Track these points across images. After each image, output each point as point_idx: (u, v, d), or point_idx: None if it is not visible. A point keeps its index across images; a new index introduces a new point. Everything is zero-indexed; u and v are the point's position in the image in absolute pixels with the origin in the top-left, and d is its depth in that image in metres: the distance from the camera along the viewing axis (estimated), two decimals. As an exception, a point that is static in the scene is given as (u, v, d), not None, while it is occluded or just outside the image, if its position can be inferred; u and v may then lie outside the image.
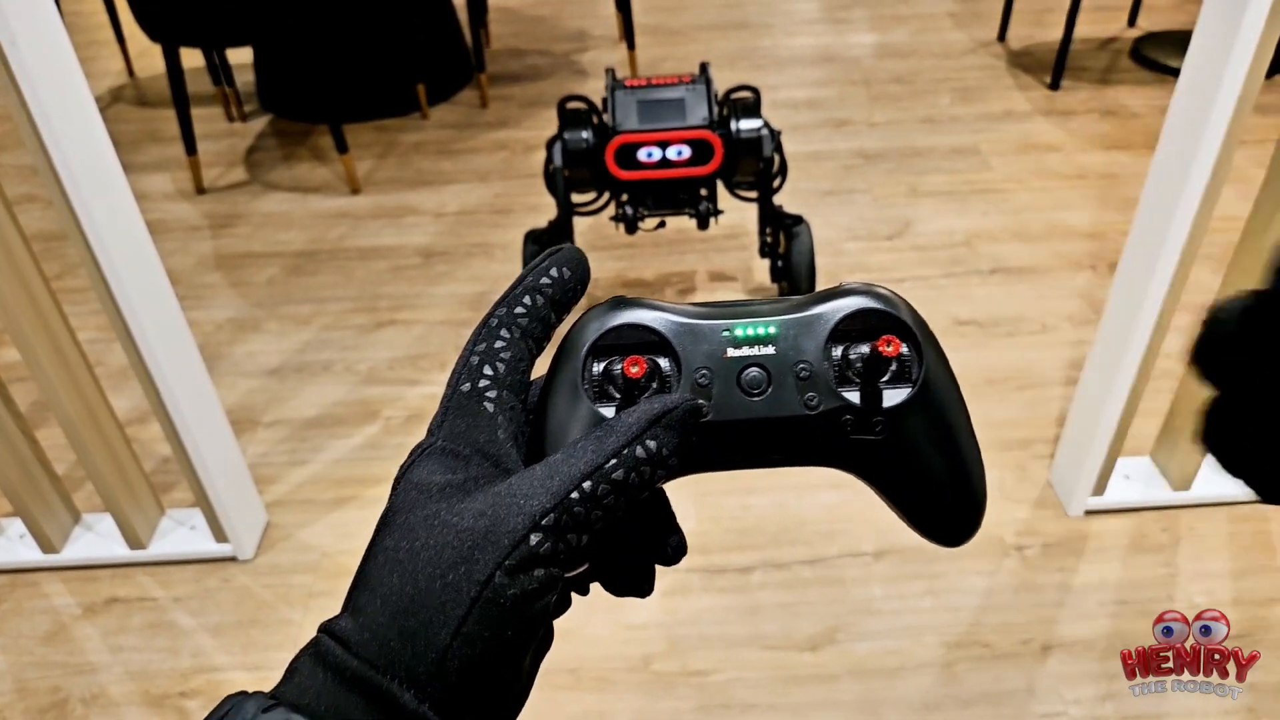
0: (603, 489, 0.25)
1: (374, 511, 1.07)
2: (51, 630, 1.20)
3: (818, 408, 0.28)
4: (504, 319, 0.29)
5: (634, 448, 0.26)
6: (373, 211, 2.02)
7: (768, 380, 0.28)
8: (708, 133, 1.43)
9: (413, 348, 1.64)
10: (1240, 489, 1.17)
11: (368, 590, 0.25)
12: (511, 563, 0.24)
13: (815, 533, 1.27)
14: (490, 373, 0.28)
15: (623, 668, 1.12)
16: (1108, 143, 2.12)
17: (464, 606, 0.24)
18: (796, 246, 1.55)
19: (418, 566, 0.24)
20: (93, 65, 2.72)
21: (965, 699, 1.08)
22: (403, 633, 0.24)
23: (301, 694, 0.24)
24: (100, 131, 0.98)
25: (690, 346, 0.28)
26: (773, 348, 0.28)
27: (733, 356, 0.28)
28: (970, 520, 0.31)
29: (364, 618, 0.24)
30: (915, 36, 2.66)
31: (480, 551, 0.24)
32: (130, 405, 1.50)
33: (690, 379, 0.28)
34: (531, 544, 0.24)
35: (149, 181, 2.16)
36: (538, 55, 2.69)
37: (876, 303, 0.29)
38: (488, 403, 0.28)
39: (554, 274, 0.29)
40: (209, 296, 1.79)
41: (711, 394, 0.28)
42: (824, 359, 0.28)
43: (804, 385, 0.28)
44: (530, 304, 0.29)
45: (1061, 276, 1.72)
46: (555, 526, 0.24)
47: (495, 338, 0.28)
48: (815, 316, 0.29)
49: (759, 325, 0.29)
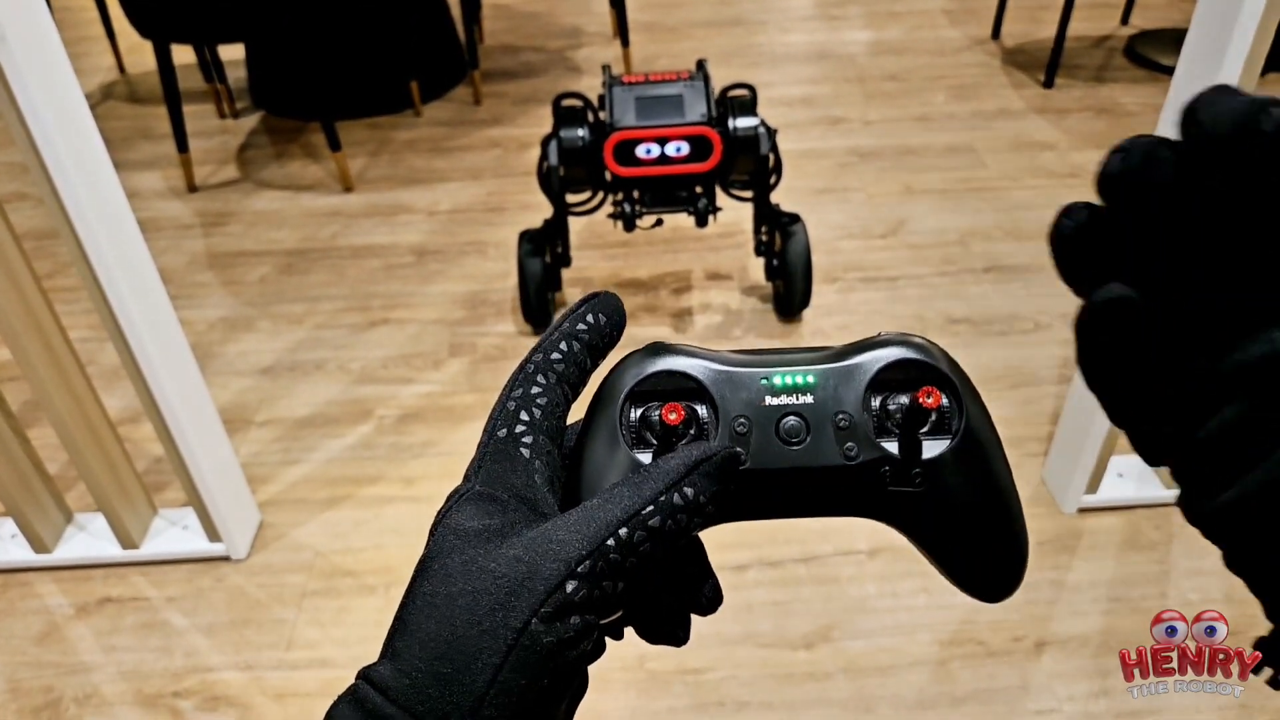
0: (639, 536, 0.25)
1: (367, 511, 1.08)
2: (44, 630, 1.20)
3: (857, 458, 0.28)
4: (540, 365, 0.29)
5: (671, 495, 0.25)
6: (365, 210, 2.01)
7: (806, 429, 0.28)
8: (707, 129, 1.43)
9: (406, 346, 1.63)
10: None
11: (405, 635, 0.25)
12: (548, 610, 0.24)
13: (809, 531, 1.27)
14: (527, 418, 0.28)
15: (617, 666, 1.12)
16: (1102, 141, 2.12)
17: (500, 654, 0.24)
18: (792, 245, 1.55)
19: (455, 613, 0.24)
20: (83, 62, 2.71)
21: (959, 697, 1.08)
22: (439, 679, 0.24)
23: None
24: (91, 129, 0.97)
25: (729, 394, 0.28)
26: (811, 397, 0.28)
27: (771, 405, 0.28)
28: (1012, 574, 0.30)
29: (401, 663, 0.24)
30: (910, 34, 2.67)
31: (516, 599, 0.24)
32: (122, 404, 1.49)
33: (729, 426, 0.28)
34: (567, 592, 0.24)
35: (140, 179, 2.15)
36: (532, 52, 2.68)
37: (915, 353, 0.29)
38: (524, 448, 0.28)
39: (590, 320, 0.29)
40: (201, 295, 1.78)
41: (750, 442, 0.28)
42: (863, 409, 0.28)
43: (843, 435, 0.28)
44: (566, 350, 0.29)
45: (1055, 275, 1.72)
46: (591, 574, 0.24)
47: (532, 383, 0.28)
48: (854, 366, 0.28)
49: (798, 374, 0.28)
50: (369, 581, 1.23)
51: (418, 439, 1.44)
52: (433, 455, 1.42)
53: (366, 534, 1.29)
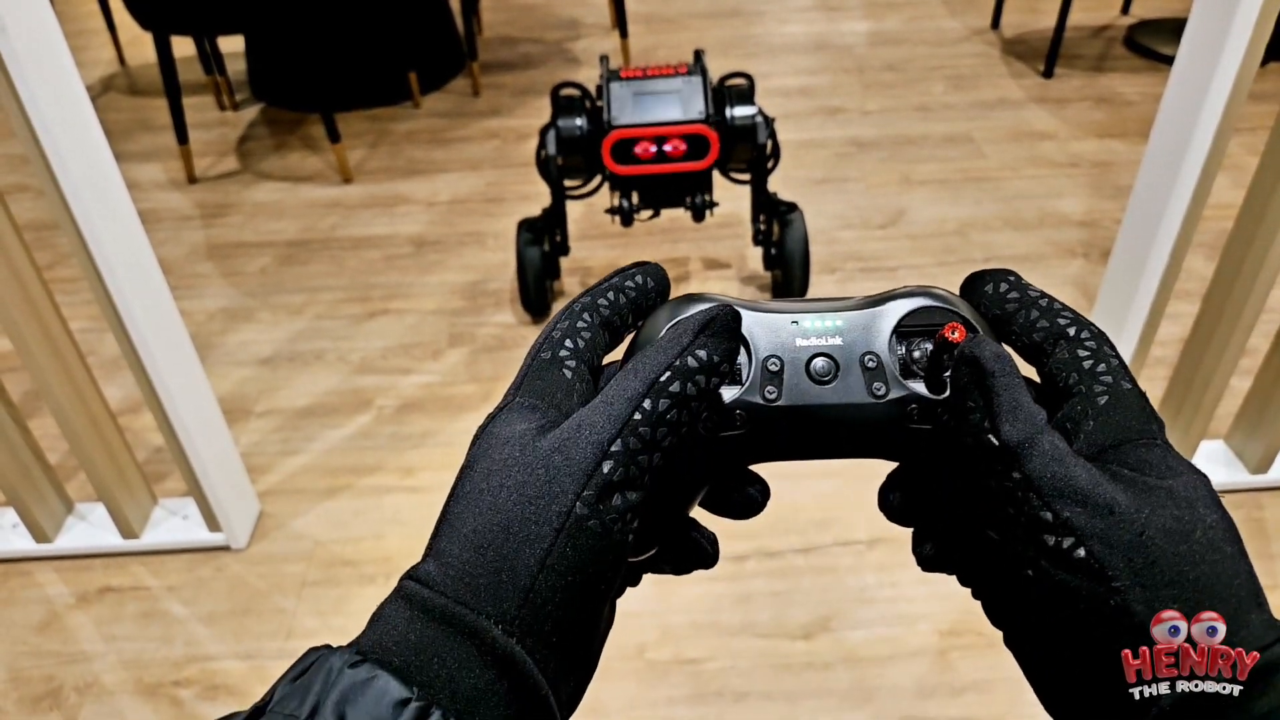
0: (663, 404, 0.25)
1: (366, 500, 1.08)
2: (45, 620, 1.20)
3: (884, 396, 0.29)
4: (587, 305, 0.30)
5: (685, 359, 0.26)
6: (364, 201, 2.01)
7: (836, 369, 0.29)
8: (704, 127, 1.43)
9: (405, 337, 1.63)
10: (1228, 478, 1.18)
11: (450, 531, 0.25)
12: (589, 493, 0.24)
13: (808, 521, 1.27)
14: (571, 345, 0.29)
15: (616, 656, 1.13)
16: (1101, 130, 2.12)
17: (547, 540, 0.24)
18: (790, 234, 1.55)
19: (498, 505, 0.25)
20: (83, 54, 2.70)
21: (958, 687, 1.08)
22: (488, 569, 0.24)
23: (387, 639, 0.24)
24: (92, 120, 0.97)
25: (760, 335, 0.29)
26: (840, 339, 0.29)
27: (801, 345, 0.29)
28: None
29: (448, 558, 0.24)
30: (908, 24, 2.66)
31: (557, 485, 0.24)
32: (123, 395, 1.50)
33: (761, 365, 0.29)
34: (604, 472, 0.24)
35: (140, 171, 2.15)
36: (530, 43, 2.68)
37: (938, 302, 0.30)
38: (567, 369, 0.28)
39: (639, 280, 0.31)
40: (201, 286, 1.79)
41: (782, 380, 0.29)
42: (890, 351, 0.29)
43: (871, 375, 0.29)
44: (613, 299, 0.30)
45: (1055, 264, 1.73)
46: (625, 450, 0.25)
47: (578, 319, 0.29)
48: (880, 312, 0.30)
49: (827, 318, 0.30)
50: (368, 571, 1.24)
51: (417, 429, 1.45)
52: (432, 445, 1.42)
53: (366, 524, 1.30)
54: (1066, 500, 0.24)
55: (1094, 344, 0.28)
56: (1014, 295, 0.30)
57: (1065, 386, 0.28)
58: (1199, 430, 1.22)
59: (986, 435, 0.26)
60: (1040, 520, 0.24)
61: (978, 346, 0.26)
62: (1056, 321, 0.29)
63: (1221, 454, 1.30)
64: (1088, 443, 0.27)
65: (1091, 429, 0.27)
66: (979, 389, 0.26)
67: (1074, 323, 0.29)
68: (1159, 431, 0.27)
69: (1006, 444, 0.25)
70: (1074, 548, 0.24)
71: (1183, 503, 0.24)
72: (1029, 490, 0.25)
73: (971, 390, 0.26)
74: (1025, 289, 0.30)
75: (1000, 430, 0.25)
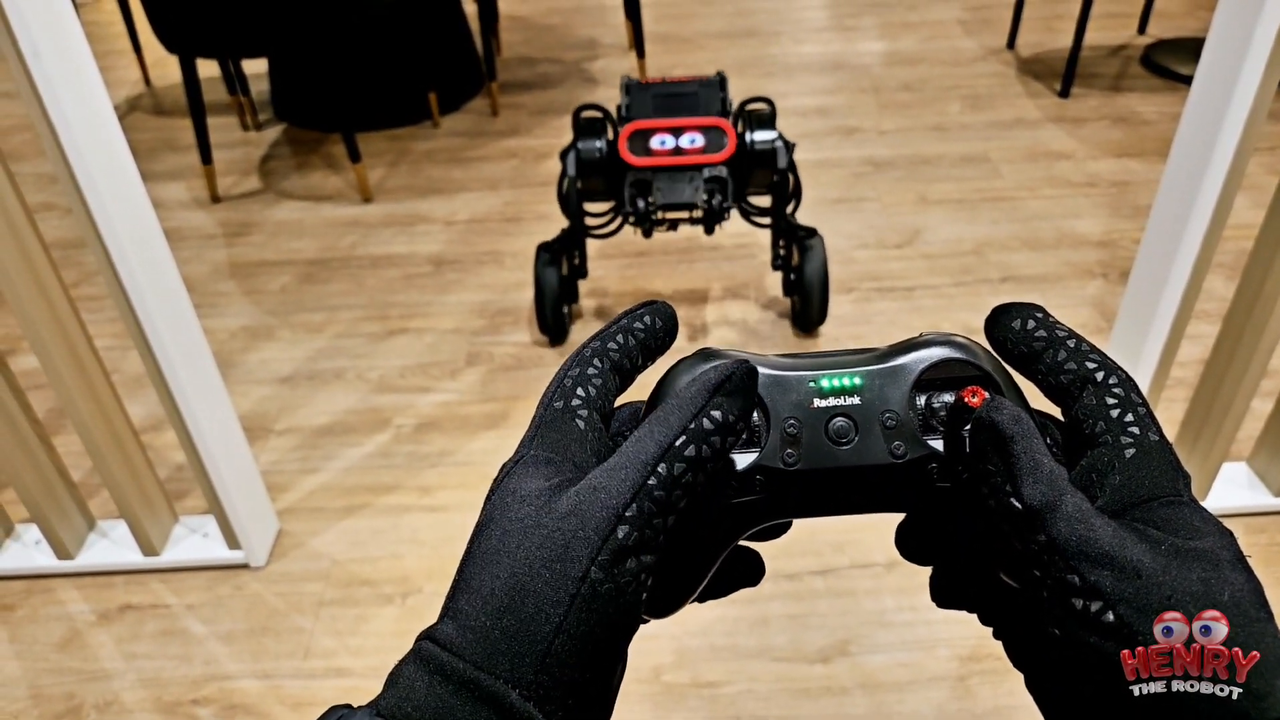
0: (679, 468, 0.26)
1: (384, 520, 1.08)
2: (66, 637, 1.21)
3: (904, 456, 0.29)
4: (597, 350, 0.30)
5: (700, 421, 0.26)
6: (384, 220, 2.03)
7: (855, 429, 0.29)
8: (721, 120, 1.44)
9: (424, 356, 1.64)
10: (1250, 501, 1.17)
11: (467, 593, 0.25)
12: (604, 558, 0.24)
13: (826, 543, 1.26)
14: (582, 394, 0.29)
15: (632, 679, 1.12)
16: (1119, 150, 2.11)
17: (564, 605, 0.24)
18: (810, 260, 1.55)
19: (516, 567, 0.25)
20: (110, 75, 2.74)
21: (978, 713, 1.07)
22: (505, 633, 0.24)
23: (407, 703, 0.24)
24: (120, 140, 0.99)
25: (778, 397, 0.29)
26: (858, 398, 0.29)
27: (819, 407, 0.29)
28: None
29: (465, 619, 0.25)
30: (924, 44, 2.67)
31: (573, 550, 0.25)
32: (145, 412, 1.51)
33: (779, 429, 0.29)
34: (619, 537, 0.25)
35: (165, 190, 2.18)
36: (548, 63, 2.70)
37: (958, 352, 0.29)
38: (579, 420, 0.29)
39: (646, 320, 0.31)
40: (223, 304, 1.80)
41: (800, 443, 0.29)
42: (909, 408, 0.29)
43: (890, 434, 0.29)
44: (622, 342, 0.30)
45: (1072, 285, 1.72)
46: (639, 515, 0.25)
47: (588, 365, 0.30)
48: (899, 367, 0.29)
49: (844, 376, 0.29)
50: (386, 591, 1.24)
51: (435, 448, 1.45)
52: (449, 464, 1.42)
53: (384, 543, 1.30)
54: (1092, 563, 0.24)
55: (1121, 390, 0.28)
56: (1041, 334, 0.30)
57: (1091, 434, 0.28)
58: (1220, 452, 1.21)
59: (1009, 499, 0.26)
60: (1066, 584, 0.24)
61: (996, 411, 0.26)
62: (1085, 365, 0.29)
63: (1244, 476, 1.28)
64: (1112, 497, 0.27)
65: (1117, 483, 0.27)
66: (998, 454, 0.26)
67: (1102, 367, 0.29)
68: (1185, 488, 0.27)
69: (1030, 507, 0.25)
70: (1102, 612, 0.24)
71: (1209, 565, 0.24)
72: (1054, 554, 0.25)
73: (991, 455, 0.26)
74: (1053, 327, 0.30)
75: (1022, 493, 0.25)
